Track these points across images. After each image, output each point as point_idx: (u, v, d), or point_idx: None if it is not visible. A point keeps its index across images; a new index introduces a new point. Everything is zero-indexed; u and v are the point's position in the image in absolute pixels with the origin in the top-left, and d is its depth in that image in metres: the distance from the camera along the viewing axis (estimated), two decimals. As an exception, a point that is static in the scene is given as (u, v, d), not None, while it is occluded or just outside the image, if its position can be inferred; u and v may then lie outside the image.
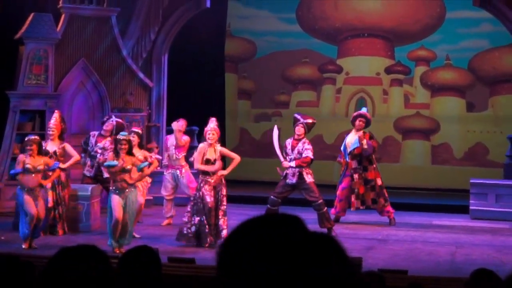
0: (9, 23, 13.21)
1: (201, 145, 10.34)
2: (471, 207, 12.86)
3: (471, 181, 13.09)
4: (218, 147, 10.25)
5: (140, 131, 11.25)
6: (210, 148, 10.15)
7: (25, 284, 2.89)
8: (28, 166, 9.74)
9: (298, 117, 11.28)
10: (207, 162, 10.08)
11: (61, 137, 11.13)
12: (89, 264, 2.31)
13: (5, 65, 13.22)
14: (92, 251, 2.36)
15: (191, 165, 11.58)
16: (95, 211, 11.30)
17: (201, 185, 10.13)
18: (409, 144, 16.22)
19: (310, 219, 10.50)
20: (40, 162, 9.86)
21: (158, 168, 13.29)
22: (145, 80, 14.44)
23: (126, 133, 9.93)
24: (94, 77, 13.84)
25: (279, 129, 11.41)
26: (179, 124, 11.94)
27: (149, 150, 12.70)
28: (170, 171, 12.02)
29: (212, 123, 10.33)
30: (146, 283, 3.64)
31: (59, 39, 13.29)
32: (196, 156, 10.30)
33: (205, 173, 10.13)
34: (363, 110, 12.28)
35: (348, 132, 12.17)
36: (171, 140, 12.06)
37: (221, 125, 16.27)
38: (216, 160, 10.13)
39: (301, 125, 11.07)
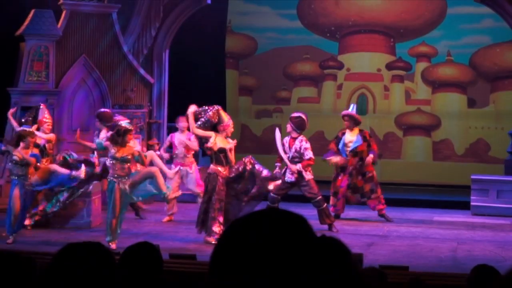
0: (10, 20, 13.20)
1: (212, 133, 9.93)
2: (472, 203, 12.85)
3: (472, 177, 13.08)
4: (231, 141, 10.10)
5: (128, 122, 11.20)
6: (223, 139, 9.93)
7: (26, 281, 2.89)
8: (15, 157, 9.71)
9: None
10: (221, 151, 9.86)
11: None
12: (93, 261, 2.31)
13: (6, 62, 13.22)
14: (96, 248, 2.37)
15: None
16: (96, 207, 11.30)
17: (213, 178, 9.89)
18: (410, 140, 16.20)
19: (311, 215, 10.51)
20: (26, 155, 9.80)
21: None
22: (146, 76, 14.44)
23: (128, 122, 9.90)
24: (95, 73, 13.84)
25: (279, 129, 11.39)
26: (182, 125, 11.74)
27: (150, 146, 12.71)
28: (178, 168, 11.76)
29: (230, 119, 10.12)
30: (147, 280, 3.64)
31: (60, 36, 13.29)
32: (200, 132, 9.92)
33: (219, 162, 9.89)
34: (351, 108, 12.09)
35: (342, 131, 11.99)
36: (178, 138, 11.88)
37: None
38: (231, 151, 9.94)
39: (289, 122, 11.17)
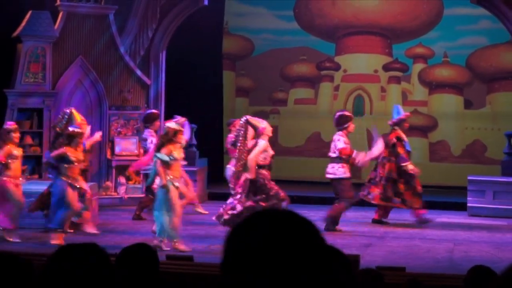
0: (7, 21, 13.19)
1: (264, 142, 10.30)
2: (468, 204, 12.87)
3: (469, 178, 13.10)
4: None
5: None
6: (267, 142, 10.32)
7: (25, 282, 2.90)
8: (72, 158, 9.95)
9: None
10: (272, 157, 10.45)
11: None
12: (89, 262, 2.32)
13: (3, 63, 13.21)
14: (92, 249, 2.37)
15: None
16: (93, 208, 11.27)
17: (264, 182, 10.23)
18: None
19: (311, 216, 10.50)
20: (80, 155, 10.13)
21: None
22: (143, 77, 14.43)
23: (176, 123, 10.14)
24: (92, 74, 13.83)
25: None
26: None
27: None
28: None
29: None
30: (144, 281, 3.65)
31: (57, 37, 13.28)
32: (257, 152, 10.19)
33: (270, 168, 10.39)
34: (400, 111, 12.14)
35: (397, 134, 11.91)
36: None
37: (219, 123, 16.33)
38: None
39: None
